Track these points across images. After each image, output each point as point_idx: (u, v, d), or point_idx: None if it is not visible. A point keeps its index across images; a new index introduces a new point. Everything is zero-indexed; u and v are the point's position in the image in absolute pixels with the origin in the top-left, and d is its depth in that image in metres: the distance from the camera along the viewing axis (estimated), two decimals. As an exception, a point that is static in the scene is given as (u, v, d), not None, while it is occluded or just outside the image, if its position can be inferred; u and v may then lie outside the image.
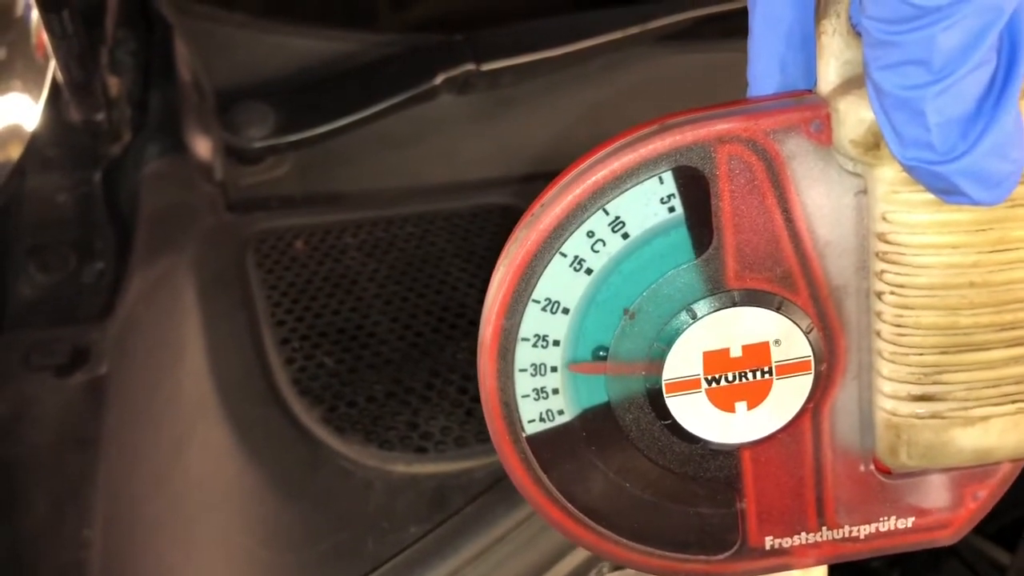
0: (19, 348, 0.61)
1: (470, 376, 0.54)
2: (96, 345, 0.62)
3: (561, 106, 0.71)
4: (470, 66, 0.67)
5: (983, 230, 0.23)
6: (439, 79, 0.67)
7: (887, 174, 0.23)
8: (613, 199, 0.24)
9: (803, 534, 0.27)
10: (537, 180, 0.70)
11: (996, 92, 0.21)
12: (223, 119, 0.67)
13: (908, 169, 0.22)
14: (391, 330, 0.58)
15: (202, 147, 0.67)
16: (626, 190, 0.24)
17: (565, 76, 0.69)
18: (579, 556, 0.45)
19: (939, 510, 0.27)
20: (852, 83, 0.23)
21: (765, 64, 0.24)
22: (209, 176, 0.66)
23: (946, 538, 0.27)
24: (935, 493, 0.27)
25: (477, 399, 0.53)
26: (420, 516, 0.47)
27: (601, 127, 0.72)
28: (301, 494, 0.50)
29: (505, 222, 0.67)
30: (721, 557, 0.26)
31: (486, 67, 0.67)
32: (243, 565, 0.48)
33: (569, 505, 0.26)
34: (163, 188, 0.67)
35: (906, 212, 0.23)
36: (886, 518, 0.27)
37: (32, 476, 0.55)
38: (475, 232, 0.66)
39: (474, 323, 0.59)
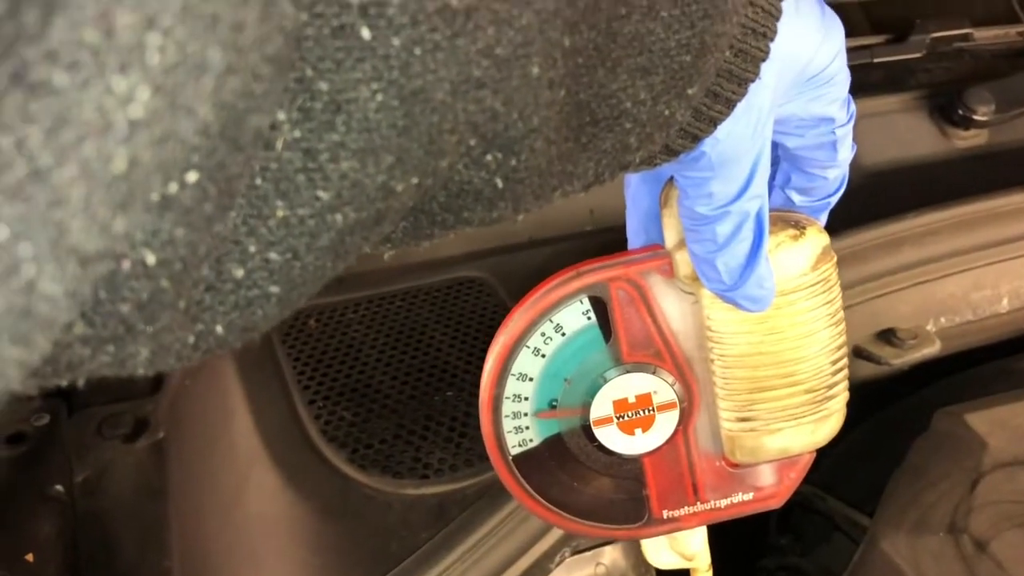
0: (91, 423, 0.71)
1: (456, 416, 0.64)
2: (152, 415, 0.72)
3: None
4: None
5: (762, 322, 0.36)
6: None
7: (706, 293, 0.36)
8: (555, 314, 0.37)
9: (686, 507, 0.39)
10: (497, 253, 0.81)
11: (753, 253, 0.32)
12: None
13: (714, 293, 0.35)
14: (392, 386, 0.68)
15: None
16: (562, 308, 0.37)
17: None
18: (547, 543, 0.56)
19: (769, 486, 0.39)
20: (682, 243, 0.36)
21: (635, 227, 0.38)
22: None
23: (775, 504, 0.39)
24: (764, 476, 0.39)
25: (464, 435, 0.64)
26: (427, 524, 0.57)
27: (546, 208, 0.84)
28: (338, 516, 0.59)
29: (474, 291, 0.77)
30: (636, 525, 0.39)
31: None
32: (300, 572, 0.57)
33: (541, 499, 0.39)
34: None
35: (719, 313, 0.36)
36: (736, 494, 0.39)
37: (117, 523, 0.64)
38: (451, 301, 0.76)
39: (456, 376, 0.70)
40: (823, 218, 0.38)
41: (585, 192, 0.30)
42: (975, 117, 0.88)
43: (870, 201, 0.82)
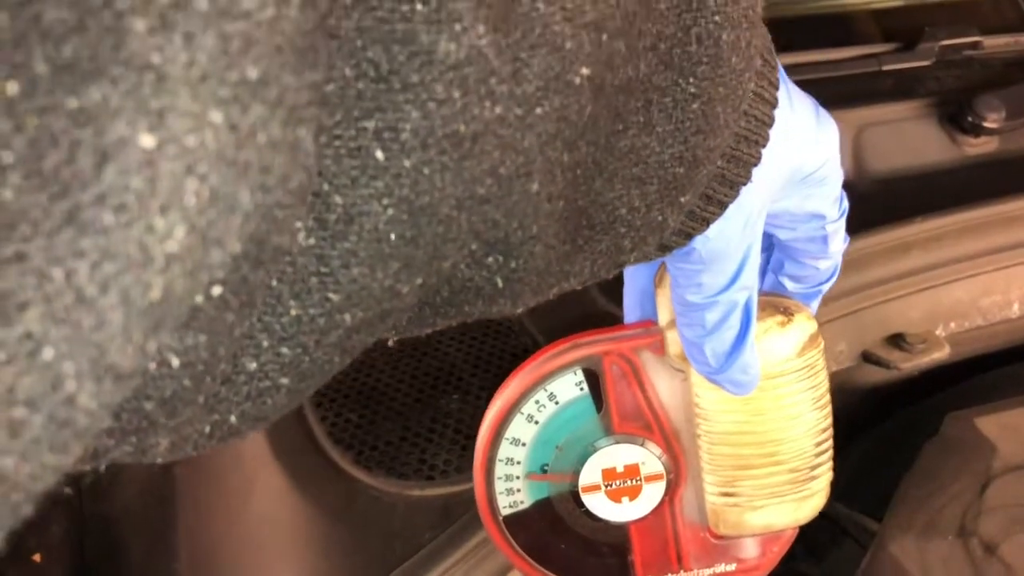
0: None
1: (462, 419, 0.66)
2: None
3: None
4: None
5: (747, 403, 0.37)
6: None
7: (694, 372, 0.37)
8: (549, 383, 0.38)
9: (670, 574, 0.40)
10: None
11: (739, 339, 0.33)
12: None
13: (701, 374, 0.36)
14: (398, 389, 0.70)
15: None
16: (556, 378, 0.38)
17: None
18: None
19: (752, 559, 0.40)
20: (674, 323, 0.37)
21: (631, 303, 0.39)
22: None
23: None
24: (748, 549, 0.40)
25: (470, 437, 0.66)
26: (432, 525, 0.58)
27: None
28: (342, 519, 0.61)
29: None
30: None
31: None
32: (306, 573, 0.59)
33: (529, 558, 0.41)
34: None
35: (707, 392, 0.37)
36: (719, 564, 0.40)
37: (124, 525, 0.66)
38: None
39: (462, 379, 0.72)
40: (815, 304, 0.39)
41: (581, 287, 0.31)
42: (985, 124, 0.87)
43: (880, 208, 0.82)
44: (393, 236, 0.22)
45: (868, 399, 0.79)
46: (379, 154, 0.21)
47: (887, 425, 0.77)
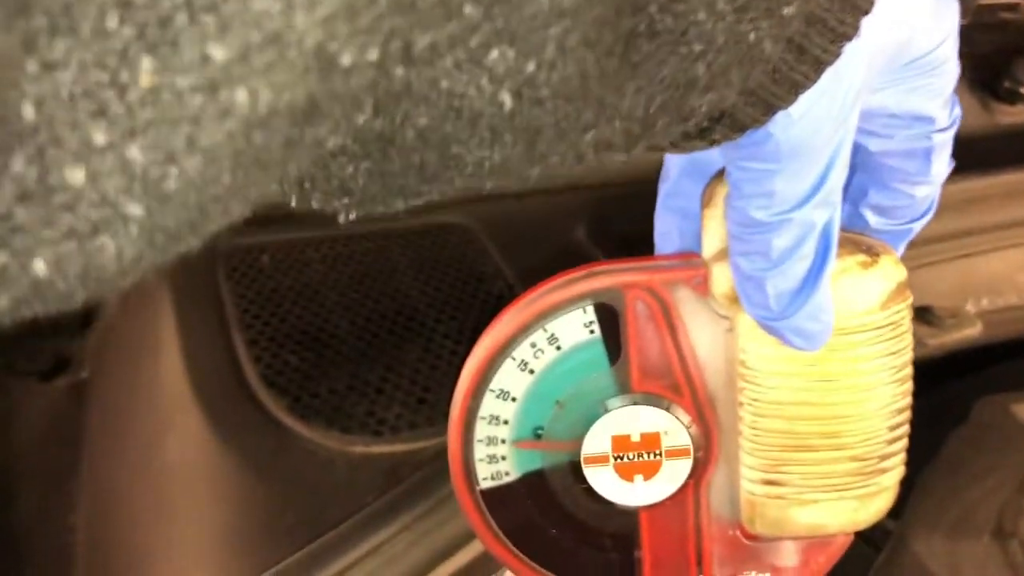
0: (3, 356, 0.62)
1: (420, 370, 0.57)
2: (77, 353, 0.63)
3: None
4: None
5: (811, 365, 0.28)
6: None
7: (745, 319, 0.28)
8: (550, 321, 0.29)
9: None
10: (483, 202, 0.73)
11: (813, 276, 0.26)
12: None
13: (755, 320, 0.27)
14: (350, 332, 0.60)
15: None
16: (560, 316, 0.29)
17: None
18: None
19: (790, 569, 0.31)
20: (724, 253, 0.28)
21: (668, 229, 0.29)
22: None
23: None
24: (787, 555, 0.31)
25: (427, 389, 0.57)
26: (376, 488, 0.50)
27: None
28: (270, 473, 0.52)
29: (453, 237, 0.69)
30: None
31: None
32: (217, 535, 0.50)
33: (509, 543, 0.31)
34: None
35: (758, 347, 0.28)
36: (749, 572, 0.31)
37: (20, 472, 0.56)
38: (427, 247, 0.68)
39: (424, 325, 0.63)
40: (902, 249, 0.30)
41: (627, 155, 0.23)
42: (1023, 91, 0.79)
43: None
44: None
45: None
46: None
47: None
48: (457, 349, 0.59)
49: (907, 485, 0.52)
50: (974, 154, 0.78)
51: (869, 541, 0.57)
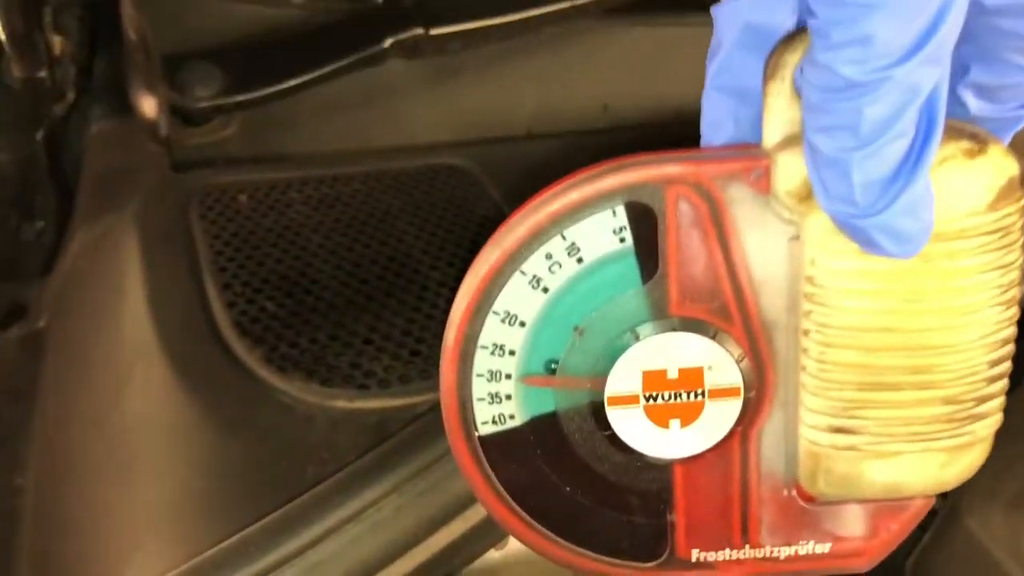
0: None
1: (414, 319, 0.51)
2: (35, 301, 0.57)
3: (510, 74, 0.66)
4: (419, 31, 0.61)
5: (898, 281, 0.23)
6: (387, 43, 0.61)
7: (817, 223, 0.23)
8: (570, 226, 0.23)
9: (728, 550, 0.26)
10: (485, 144, 0.67)
11: (913, 160, 0.21)
12: (170, 79, 0.62)
13: (833, 219, 0.22)
14: (335, 278, 0.54)
15: (148, 107, 0.61)
16: (582, 219, 0.23)
17: (514, 45, 0.64)
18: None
19: (855, 538, 0.26)
20: (792, 140, 0.22)
21: (719, 115, 0.24)
22: (155, 136, 0.61)
23: (860, 565, 0.27)
24: (852, 522, 0.26)
25: (421, 340, 0.51)
26: (361, 447, 0.44)
27: (549, 97, 0.69)
28: (241, 428, 0.47)
29: (452, 180, 0.63)
30: (650, 565, 0.26)
31: (435, 32, 0.61)
32: (180, 497, 0.44)
33: (512, 502, 0.25)
34: (108, 149, 0.61)
35: (832, 259, 0.23)
36: (805, 542, 0.26)
37: None
38: (423, 190, 0.62)
39: (419, 272, 0.57)
40: (1008, 140, 0.24)
41: None
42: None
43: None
44: None
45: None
46: None
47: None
48: (454, 298, 0.53)
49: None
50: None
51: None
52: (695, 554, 0.26)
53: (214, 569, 0.36)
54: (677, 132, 0.26)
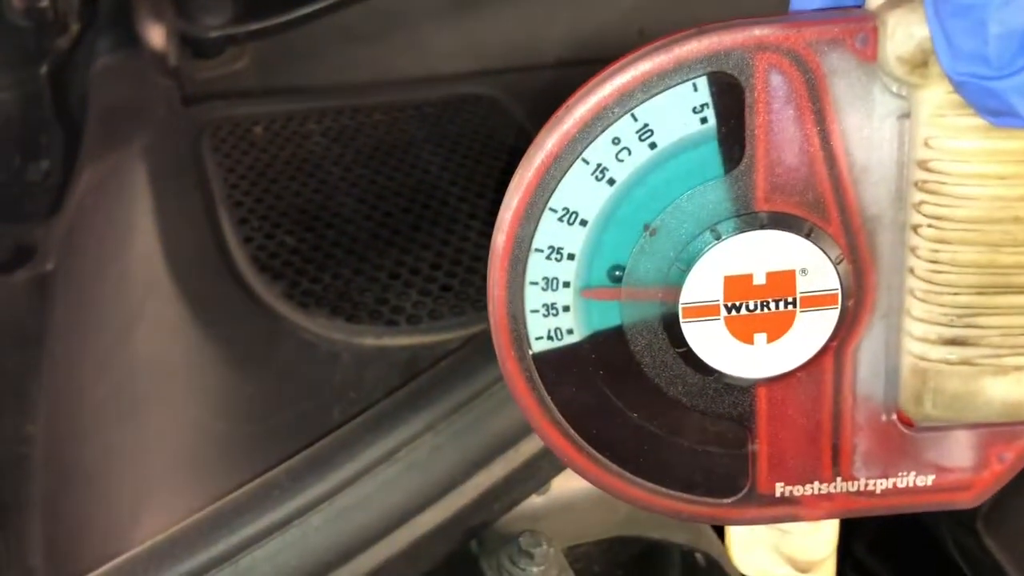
0: None
1: (444, 253, 0.49)
2: (41, 242, 0.56)
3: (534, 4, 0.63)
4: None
5: None
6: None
7: (934, 96, 0.20)
8: (643, 104, 0.20)
9: (816, 483, 0.23)
10: (512, 72, 0.64)
11: None
12: (178, 7, 0.59)
13: (959, 86, 0.19)
14: (358, 211, 0.52)
15: (156, 38, 0.59)
16: (657, 95, 0.20)
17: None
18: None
19: (962, 470, 0.23)
20: None
21: None
22: (164, 69, 0.58)
23: (967, 500, 0.24)
24: (959, 451, 0.23)
25: (452, 274, 0.48)
26: (391, 385, 0.41)
27: (578, 23, 0.66)
28: (260, 367, 0.44)
29: (480, 110, 0.60)
30: (728, 501, 0.23)
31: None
32: (195, 438, 0.43)
33: (572, 431, 0.23)
34: (115, 83, 0.59)
35: (952, 138, 0.20)
36: (905, 473, 0.23)
37: None
38: (447, 119, 0.59)
39: (447, 204, 0.54)
40: None
41: None
42: None
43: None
44: None
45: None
46: None
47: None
48: (486, 230, 0.50)
49: None
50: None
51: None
52: (779, 488, 0.23)
53: (235, 514, 0.33)
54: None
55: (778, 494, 0.23)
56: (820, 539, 0.27)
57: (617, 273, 0.22)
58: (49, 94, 0.62)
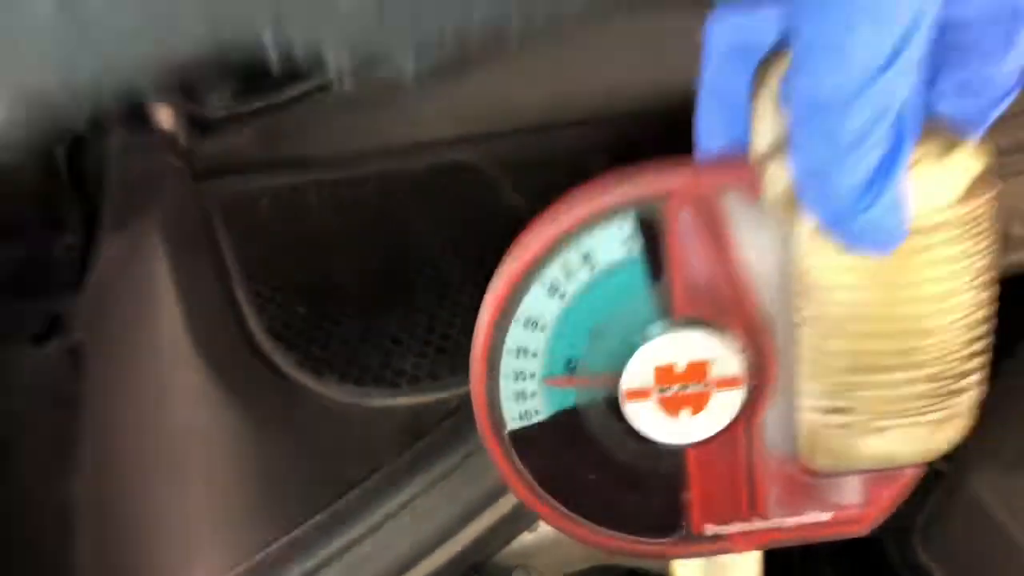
0: None
1: (439, 316, 0.54)
2: (70, 315, 0.60)
3: (518, 64, 0.68)
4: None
5: (880, 272, 0.25)
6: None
7: (804, 225, 0.25)
8: (583, 238, 0.26)
9: (739, 523, 0.29)
10: (498, 138, 0.69)
11: (888, 166, 0.23)
12: (183, 89, 0.64)
13: (819, 224, 0.24)
14: (360, 280, 0.57)
15: (165, 119, 0.64)
16: (594, 231, 0.26)
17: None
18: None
19: (853, 506, 0.29)
20: (779, 148, 0.25)
21: (712, 124, 0.26)
22: (173, 146, 0.64)
23: (858, 531, 0.29)
24: (850, 492, 0.29)
25: (447, 337, 0.54)
26: (397, 443, 0.47)
27: (557, 89, 0.70)
28: (280, 431, 0.49)
29: (462, 178, 0.65)
30: (670, 540, 0.29)
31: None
32: (231, 499, 0.48)
33: (541, 490, 0.28)
34: (129, 159, 0.63)
35: (820, 257, 0.25)
36: (809, 512, 0.29)
37: (17, 439, 0.55)
38: (434, 189, 0.64)
39: (440, 270, 0.59)
40: (979, 134, 0.26)
41: None
42: None
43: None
44: None
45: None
46: None
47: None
48: (476, 293, 0.55)
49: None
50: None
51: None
52: (709, 529, 0.29)
53: (270, 569, 0.39)
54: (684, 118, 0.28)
55: (708, 533, 0.29)
56: (746, 568, 0.33)
57: (572, 365, 0.27)
58: (67, 172, 0.67)
